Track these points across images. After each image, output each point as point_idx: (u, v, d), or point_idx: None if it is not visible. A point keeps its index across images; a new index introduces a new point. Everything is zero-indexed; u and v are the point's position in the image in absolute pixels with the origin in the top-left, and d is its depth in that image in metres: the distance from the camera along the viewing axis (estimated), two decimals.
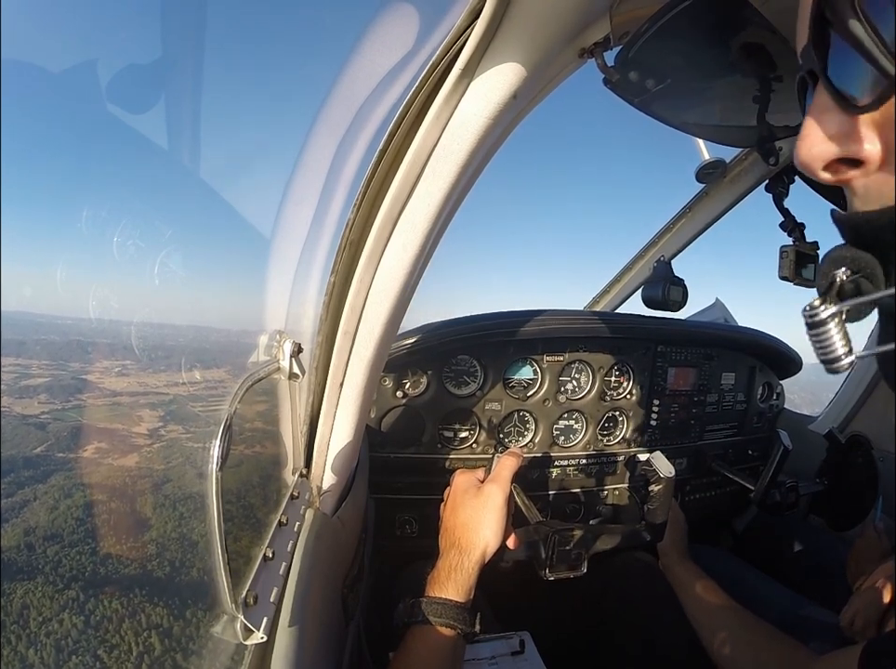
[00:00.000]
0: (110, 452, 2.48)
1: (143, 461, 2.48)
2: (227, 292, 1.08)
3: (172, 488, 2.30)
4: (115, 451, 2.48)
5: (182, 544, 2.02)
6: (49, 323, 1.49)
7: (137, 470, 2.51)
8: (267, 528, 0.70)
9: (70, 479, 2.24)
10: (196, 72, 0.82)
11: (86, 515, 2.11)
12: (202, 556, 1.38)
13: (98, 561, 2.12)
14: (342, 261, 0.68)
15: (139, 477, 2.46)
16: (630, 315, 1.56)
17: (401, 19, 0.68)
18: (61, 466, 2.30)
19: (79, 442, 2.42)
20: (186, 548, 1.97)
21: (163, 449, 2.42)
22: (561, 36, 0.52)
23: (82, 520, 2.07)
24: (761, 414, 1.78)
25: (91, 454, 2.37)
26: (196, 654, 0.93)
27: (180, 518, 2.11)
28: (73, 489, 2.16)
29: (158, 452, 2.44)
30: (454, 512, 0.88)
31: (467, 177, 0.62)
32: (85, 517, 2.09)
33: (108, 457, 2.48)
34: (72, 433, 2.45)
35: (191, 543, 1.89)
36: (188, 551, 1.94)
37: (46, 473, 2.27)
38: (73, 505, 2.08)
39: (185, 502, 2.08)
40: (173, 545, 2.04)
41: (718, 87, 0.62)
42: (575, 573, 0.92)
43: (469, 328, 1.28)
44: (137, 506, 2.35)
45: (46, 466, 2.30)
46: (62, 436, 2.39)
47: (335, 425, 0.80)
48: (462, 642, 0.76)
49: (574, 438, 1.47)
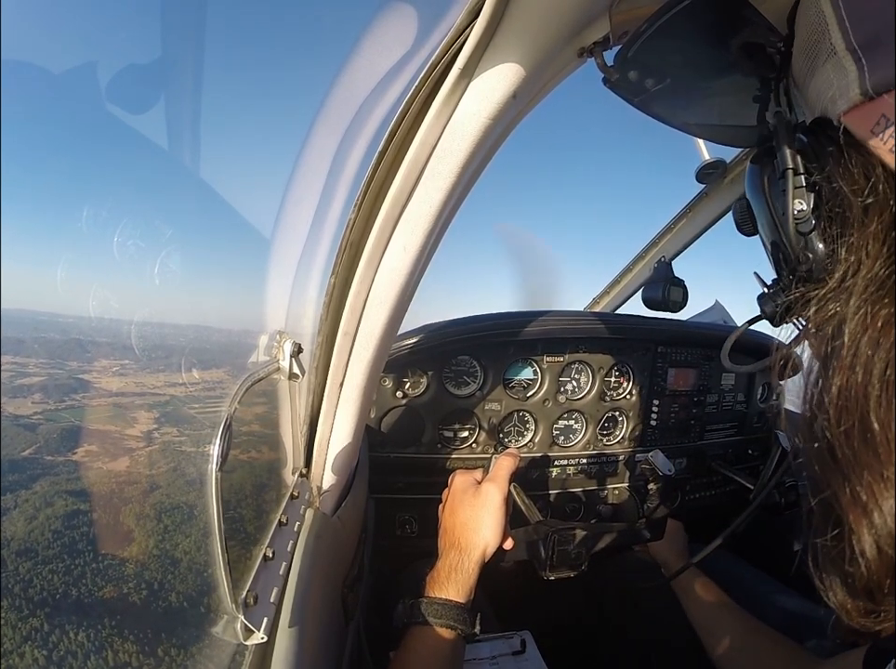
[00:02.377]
0: (100, 454, 2.44)
1: (134, 465, 2.45)
2: (227, 292, 1.08)
3: (167, 490, 2.28)
4: (106, 454, 2.43)
5: (181, 544, 2.01)
6: (50, 321, 1.48)
7: (128, 473, 2.48)
8: (267, 528, 0.70)
9: (55, 485, 2.19)
10: (196, 71, 0.82)
11: (66, 526, 2.07)
12: (201, 556, 1.38)
13: (96, 560, 2.10)
14: (342, 262, 0.68)
15: (131, 481, 2.43)
16: (630, 316, 1.56)
17: (400, 19, 0.68)
18: (48, 471, 2.24)
19: (69, 445, 2.37)
20: (185, 549, 1.95)
21: (156, 452, 2.39)
22: (561, 35, 0.52)
23: (59, 532, 2.03)
24: (761, 414, 1.78)
25: (81, 457, 2.31)
26: (196, 654, 0.93)
27: (178, 519, 2.09)
28: (56, 497, 2.10)
29: (151, 455, 2.40)
30: (453, 512, 0.88)
31: (467, 177, 0.62)
32: (65, 528, 2.05)
33: (98, 461, 2.43)
34: (62, 435, 2.39)
35: (189, 543, 1.88)
36: (187, 552, 1.93)
37: (32, 477, 2.21)
38: (53, 515, 2.01)
39: (181, 503, 2.06)
40: (171, 547, 2.03)
41: (718, 87, 0.62)
42: (576, 573, 0.92)
43: (469, 329, 1.28)
44: (131, 507, 2.33)
45: (32, 470, 2.23)
46: (52, 438, 2.33)
47: (335, 425, 0.80)
48: (462, 642, 0.76)
49: (574, 438, 1.47)
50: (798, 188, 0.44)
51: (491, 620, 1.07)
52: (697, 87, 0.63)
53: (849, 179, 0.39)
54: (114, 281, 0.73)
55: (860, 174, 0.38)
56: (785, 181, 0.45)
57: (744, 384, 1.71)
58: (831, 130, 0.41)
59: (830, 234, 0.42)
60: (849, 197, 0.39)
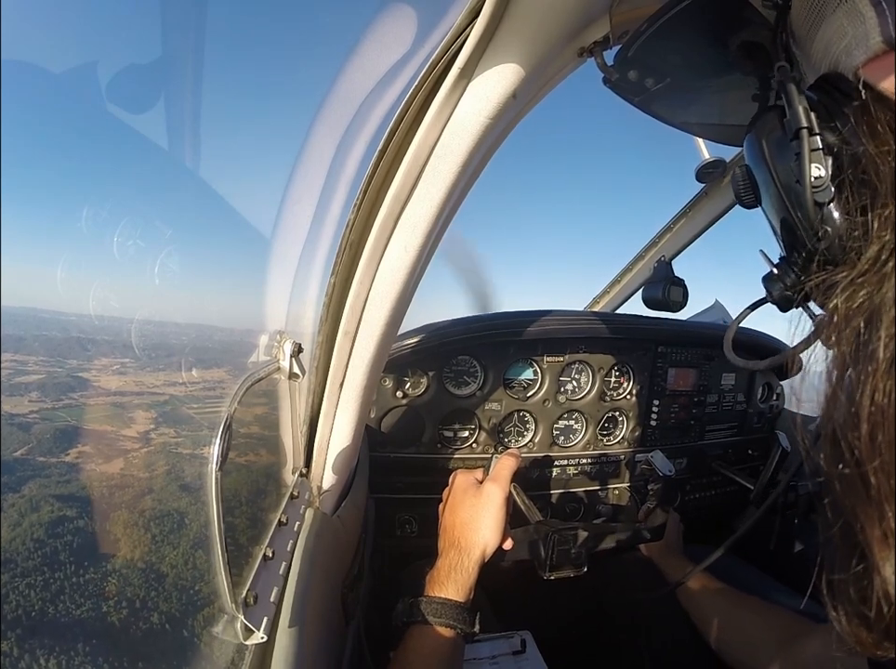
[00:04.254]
0: (94, 456, 2.40)
1: (130, 466, 2.41)
2: (227, 292, 1.08)
3: (166, 490, 2.25)
4: (100, 455, 2.40)
5: (181, 544, 1.99)
6: (53, 319, 1.47)
7: (122, 475, 2.44)
8: (267, 527, 0.70)
9: (44, 488, 2.14)
10: (196, 72, 0.82)
11: (65, 524, 2.02)
12: (201, 556, 1.38)
13: (94, 561, 2.08)
14: (342, 262, 0.68)
15: (125, 484, 2.39)
16: (630, 315, 1.56)
17: (400, 19, 0.68)
18: (39, 473, 2.20)
19: (63, 446, 2.33)
20: (184, 549, 1.94)
21: (153, 452, 2.36)
22: (561, 35, 0.52)
23: (59, 532, 1.98)
24: (761, 415, 1.77)
25: (74, 459, 2.27)
26: (196, 654, 0.93)
27: (177, 519, 2.08)
28: (41, 502, 2.05)
29: (148, 457, 2.37)
30: (453, 512, 0.88)
31: (467, 177, 0.62)
32: (63, 529, 2.00)
33: (90, 462, 2.38)
34: (57, 435, 2.34)
35: (189, 543, 1.87)
36: (186, 552, 1.92)
37: (22, 480, 2.16)
38: (38, 521, 1.95)
39: (181, 503, 2.04)
40: (171, 547, 2.01)
41: (718, 86, 0.62)
42: (576, 573, 0.91)
43: (469, 329, 1.28)
44: (130, 507, 2.31)
45: (23, 472, 2.18)
46: (45, 438, 2.28)
47: (335, 424, 0.80)
48: (462, 642, 0.76)
49: (574, 438, 1.47)
50: (815, 150, 0.38)
51: (491, 620, 1.07)
52: (697, 87, 0.63)
53: (877, 140, 0.34)
54: (115, 280, 0.73)
55: (887, 133, 0.33)
56: (800, 143, 0.39)
57: (745, 384, 1.71)
58: (844, 85, 0.37)
59: (854, 205, 0.37)
60: (875, 161, 0.34)
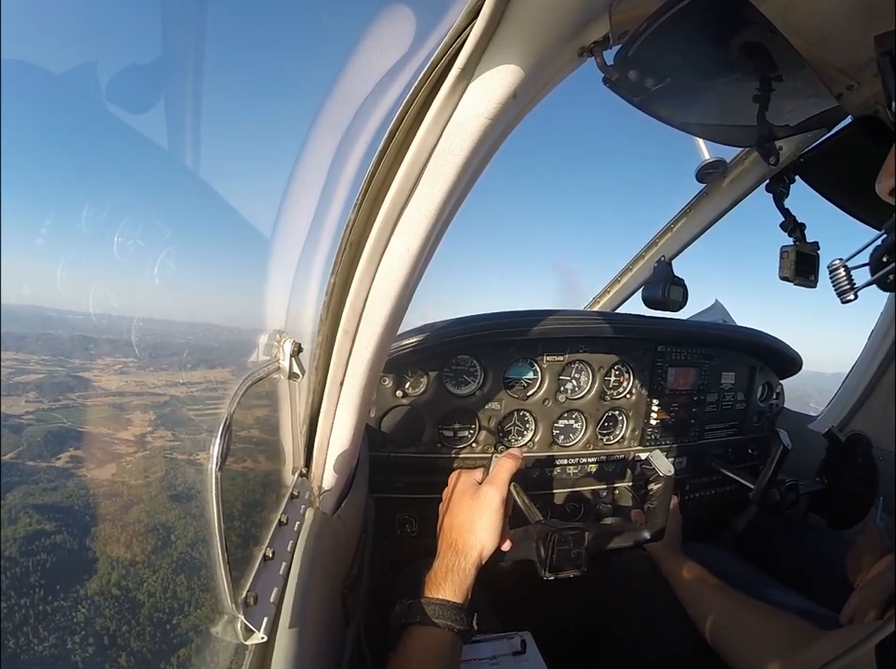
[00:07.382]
0: (85, 460, 2.35)
1: (124, 468, 2.38)
2: (227, 291, 1.08)
3: (165, 490, 2.23)
4: (93, 460, 2.35)
5: (181, 545, 1.98)
6: (60, 318, 1.46)
7: (118, 476, 2.40)
8: (267, 527, 0.70)
9: (29, 495, 2.09)
10: (196, 72, 0.82)
11: (63, 527, 1.99)
12: (201, 556, 1.38)
13: (104, 556, 2.06)
14: (342, 262, 0.68)
15: (127, 481, 2.36)
16: (630, 315, 1.56)
17: (399, 19, 0.68)
18: (27, 478, 2.15)
19: (54, 449, 2.28)
20: (184, 550, 1.93)
21: (153, 453, 2.32)
22: (561, 35, 0.52)
23: (57, 533, 1.95)
24: (761, 414, 1.78)
25: (64, 463, 2.22)
26: (196, 654, 0.93)
27: (177, 518, 2.06)
28: (22, 512, 2.00)
29: (146, 458, 2.34)
30: (451, 513, 0.88)
31: (467, 177, 0.62)
32: (62, 530, 1.97)
33: (82, 467, 2.34)
34: (48, 438, 2.28)
35: (189, 543, 1.86)
36: (186, 552, 1.91)
37: (8, 486, 2.10)
38: (16, 532, 1.88)
39: (179, 503, 2.03)
40: (170, 547, 2.00)
41: (718, 87, 0.62)
42: (576, 573, 0.91)
43: (469, 328, 1.28)
44: (130, 506, 2.28)
45: (9, 478, 2.13)
46: (36, 441, 2.23)
47: (335, 424, 0.80)
48: (459, 642, 0.76)
49: (574, 437, 1.47)
50: None
51: (491, 620, 1.07)
52: (697, 87, 0.63)
53: None
54: (115, 280, 0.73)
55: None
56: None
57: (744, 383, 1.71)
58: None
59: None
60: None
